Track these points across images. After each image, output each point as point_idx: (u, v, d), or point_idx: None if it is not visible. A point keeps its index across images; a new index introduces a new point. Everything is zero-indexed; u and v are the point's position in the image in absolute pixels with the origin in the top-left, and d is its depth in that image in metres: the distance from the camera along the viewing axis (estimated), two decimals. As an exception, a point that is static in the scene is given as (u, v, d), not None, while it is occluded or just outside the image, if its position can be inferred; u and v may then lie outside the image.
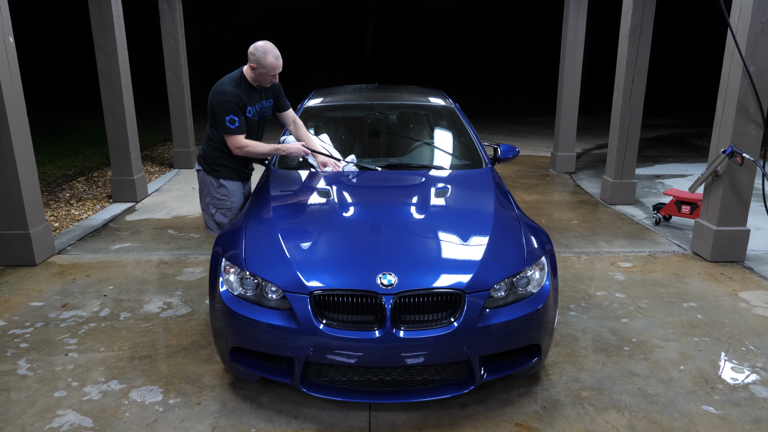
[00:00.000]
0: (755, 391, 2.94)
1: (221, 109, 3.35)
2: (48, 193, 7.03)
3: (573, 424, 2.68)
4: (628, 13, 6.07)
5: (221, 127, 3.41)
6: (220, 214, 3.67)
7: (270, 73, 3.36)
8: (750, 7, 4.27)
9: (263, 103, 3.60)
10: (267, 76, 3.38)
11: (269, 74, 3.37)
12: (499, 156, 4.14)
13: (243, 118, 3.42)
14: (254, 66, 3.35)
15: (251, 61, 3.35)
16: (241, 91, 3.41)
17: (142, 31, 18.62)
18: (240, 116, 3.39)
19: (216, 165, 3.58)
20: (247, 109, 3.45)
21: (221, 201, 3.64)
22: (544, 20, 21.69)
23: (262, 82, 3.45)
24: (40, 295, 4.08)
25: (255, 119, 3.55)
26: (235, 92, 3.38)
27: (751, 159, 4.46)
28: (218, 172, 3.59)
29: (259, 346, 2.65)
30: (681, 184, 7.79)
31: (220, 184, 3.60)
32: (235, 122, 3.37)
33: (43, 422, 2.67)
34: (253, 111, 3.52)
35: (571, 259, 4.81)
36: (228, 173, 3.61)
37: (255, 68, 3.36)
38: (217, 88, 3.42)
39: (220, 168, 3.58)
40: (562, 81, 8.23)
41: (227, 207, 3.65)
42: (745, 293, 4.16)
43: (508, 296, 2.68)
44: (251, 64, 3.36)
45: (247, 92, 3.45)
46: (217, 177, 3.59)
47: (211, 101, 3.43)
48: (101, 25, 6.05)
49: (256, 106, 3.53)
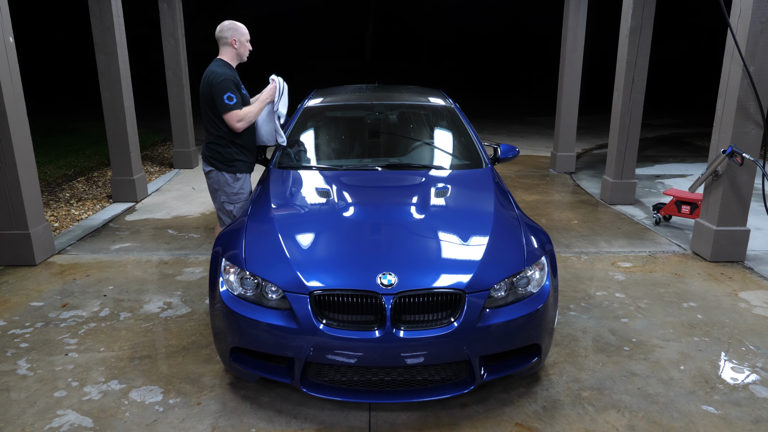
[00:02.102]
0: (755, 391, 2.94)
1: (219, 90, 3.49)
2: (48, 193, 7.03)
3: (573, 424, 2.68)
4: (628, 13, 6.07)
5: (221, 106, 3.51)
6: (238, 207, 3.77)
7: (246, 36, 3.63)
8: (750, 7, 4.27)
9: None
10: (246, 44, 3.64)
11: (246, 39, 3.63)
12: (499, 156, 4.14)
13: (239, 95, 3.58)
14: (235, 39, 3.59)
15: (230, 38, 3.59)
16: (232, 71, 3.61)
17: (142, 31, 18.62)
18: (236, 93, 3.55)
19: (231, 161, 3.69)
20: (241, 87, 3.63)
21: (238, 195, 3.75)
22: (544, 20, 21.70)
23: (243, 54, 3.67)
24: (40, 295, 4.08)
25: (248, 96, 3.74)
26: (228, 71, 3.56)
27: (751, 159, 4.46)
28: (234, 167, 3.71)
29: (259, 346, 2.65)
30: (681, 184, 7.79)
31: (237, 178, 3.72)
32: (233, 99, 3.52)
33: (43, 422, 2.67)
34: (244, 91, 3.69)
35: (571, 259, 4.81)
36: (243, 167, 3.74)
37: (236, 41, 3.60)
38: (209, 75, 3.56)
39: (235, 163, 3.71)
40: (562, 81, 8.23)
41: (244, 199, 3.77)
42: (745, 293, 4.16)
43: (508, 296, 2.68)
44: (231, 40, 3.59)
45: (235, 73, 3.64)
46: (234, 172, 3.71)
47: (208, 89, 3.54)
48: (101, 25, 6.05)
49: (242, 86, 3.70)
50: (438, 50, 26.81)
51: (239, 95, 3.57)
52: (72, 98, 18.18)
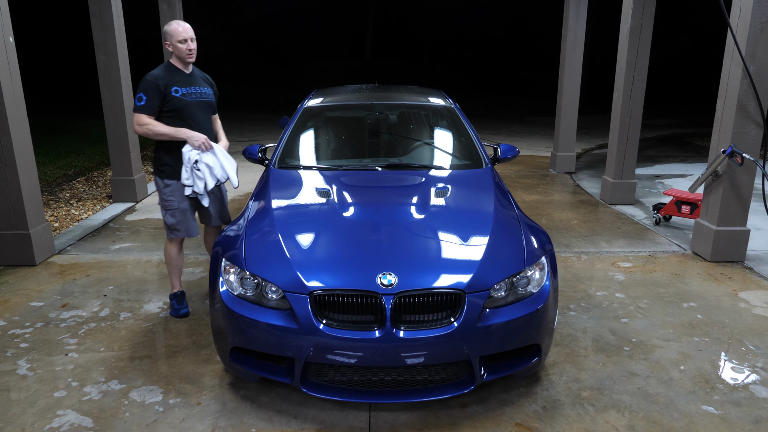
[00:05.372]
0: (755, 391, 2.94)
1: (138, 90, 3.40)
2: (48, 193, 7.03)
3: (573, 424, 2.68)
4: (628, 13, 6.07)
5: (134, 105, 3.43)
6: (169, 215, 3.60)
7: (176, 38, 3.40)
8: (750, 7, 4.27)
9: (200, 89, 3.57)
10: (179, 45, 3.41)
11: (176, 40, 3.40)
12: (499, 156, 4.14)
13: (155, 97, 3.38)
14: (168, 43, 3.44)
15: (164, 41, 3.47)
16: (164, 74, 3.44)
17: (142, 31, 18.61)
18: (150, 95, 3.37)
19: (161, 165, 3.55)
20: (172, 88, 3.42)
21: (168, 203, 3.59)
22: (544, 20, 21.69)
23: (180, 56, 3.45)
24: (40, 295, 4.08)
25: (188, 100, 3.48)
26: (154, 75, 3.42)
27: (751, 159, 4.46)
28: (163, 171, 3.55)
29: (259, 346, 2.65)
30: (681, 184, 7.79)
31: (166, 184, 3.56)
32: (142, 99, 3.36)
33: (43, 422, 2.67)
34: (184, 92, 3.47)
35: (571, 259, 4.81)
36: (171, 173, 3.54)
37: (169, 44, 3.44)
38: None
39: (164, 168, 3.55)
40: (562, 81, 8.23)
41: (174, 207, 3.59)
42: (745, 293, 4.16)
43: (508, 296, 2.68)
44: (165, 43, 3.46)
45: (174, 75, 3.46)
46: (163, 177, 3.56)
47: None
48: (101, 25, 6.05)
49: (189, 88, 3.50)
50: (438, 50, 26.81)
51: (155, 98, 3.37)
52: (72, 98, 18.18)
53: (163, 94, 3.41)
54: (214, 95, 3.72)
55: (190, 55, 3.47)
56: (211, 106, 3.69)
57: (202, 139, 3.45)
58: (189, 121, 3.50)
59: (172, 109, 3.45)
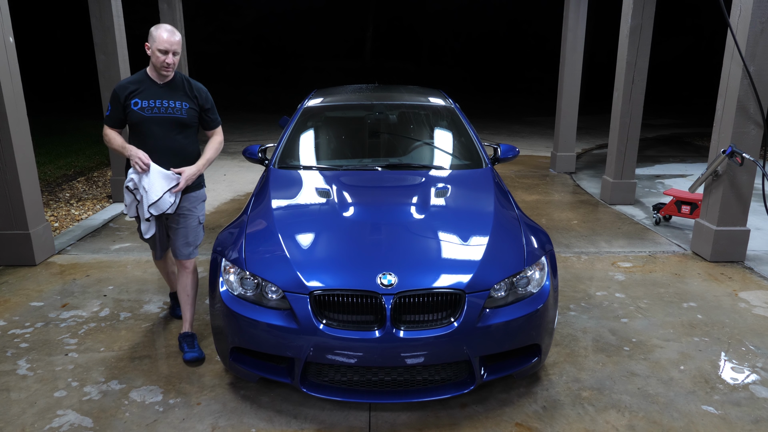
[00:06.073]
0: (755, 391, 2.94)
1: None
2: (48, 193, 7.03)
3: (573, 424, 2.68)
4: (628, 13, 6.07)
5: None
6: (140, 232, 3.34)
7: (158, 45, 2.99)
8: (750, 7, 4.27)
9: (170, 104, 3.14)
10: (158, 54, 3.01)
11: (157, 48, 3.00)
12: (499, 156, 4.14)
13: (117, 109, 3.13)
14: (148, 46, 3.05)
15: (147, 41, 3.07)
16: (131, 83, 3.13)
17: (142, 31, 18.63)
18: (113, 107, 3.13)
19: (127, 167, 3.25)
20: (132, 100, 3.09)
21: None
22: (544, 20, 21.70)
23: (156, 64, 3.05)
24: (40, 295, 4.08)
25: (145, 114, 3.10)
26: (121, 84, 3.14)
27: (751, 159, 4.46)
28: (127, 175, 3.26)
29: (259, 346, 2.65)
30: (681, 184, 7.79)
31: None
32: (107, 110, 3.16)
33: (43, 422, 2.67)
34: (144, 105, 3.10)
35: (571, 259, 4.81)
36: None
37: (148, 47, 3.05)
38: None
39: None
40: (562, 81, 8.23)
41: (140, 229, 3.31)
42: (745, 293, 4.16)
43: (508, 296, 2.69)
44: (146, 44, 3.07)
45: (141, 85, 3.13)
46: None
47: None
48: (101, 25, 6.05)
49: (154, 101, 3.11)
50: (438, 50, 26.81)
51: (118, 108, 3.12)
52: (72, 98, 18.18)
53: (123, 105, 3.12)
54: (198, 110, 3.24)
55: (166, 68, 3.06)
56: (180, 122, 3.18)
57: (135, 158, 3.07)
58: (145, 137, 3.15)
59: (131, 122, 3.17)
